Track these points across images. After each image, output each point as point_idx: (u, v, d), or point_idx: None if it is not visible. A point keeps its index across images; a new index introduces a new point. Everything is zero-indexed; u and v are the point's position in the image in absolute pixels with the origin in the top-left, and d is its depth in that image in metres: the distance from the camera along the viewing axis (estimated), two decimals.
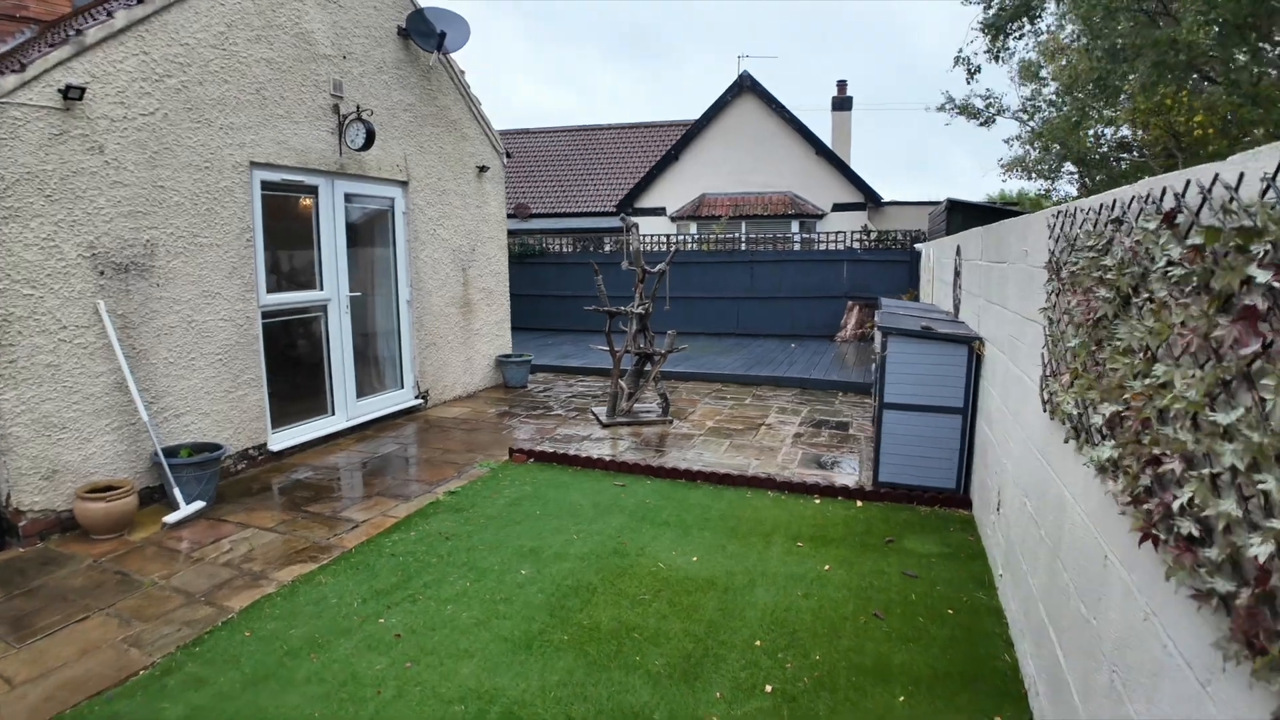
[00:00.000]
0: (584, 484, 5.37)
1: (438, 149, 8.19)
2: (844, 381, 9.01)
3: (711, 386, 9.26)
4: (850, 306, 13.25)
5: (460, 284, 8.65)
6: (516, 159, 23.79)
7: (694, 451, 6.19)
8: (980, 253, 5.18)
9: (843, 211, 17.29)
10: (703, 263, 14.12)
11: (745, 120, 17.89)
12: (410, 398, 7.87)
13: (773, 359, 10.86)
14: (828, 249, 13.76)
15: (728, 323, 14.08)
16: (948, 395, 5.04)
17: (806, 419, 7.45)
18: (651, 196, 18.61)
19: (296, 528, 4.74)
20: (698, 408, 7.96)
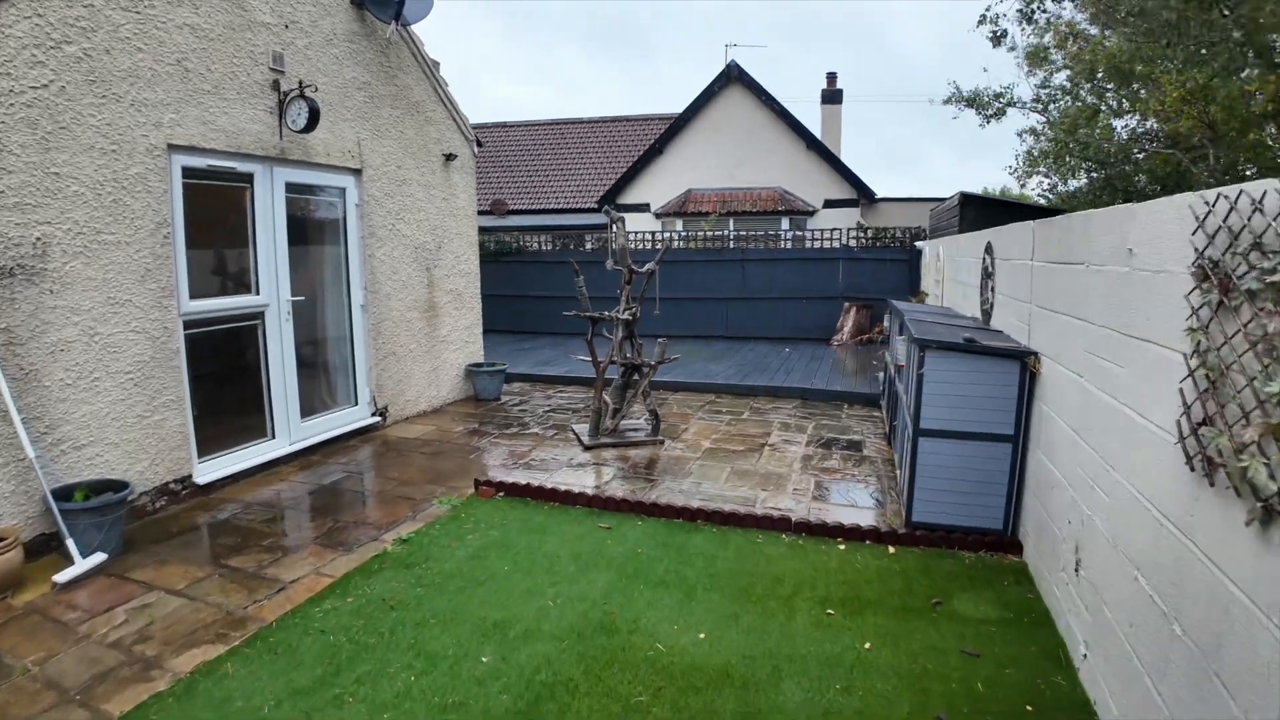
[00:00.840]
0: (562, 526, 4.51)
1: (397, 133, 7.29)
2: (848, 392, 8.22)
3: (704, 398, 8.43)
4: (846, 308, 12.49)
5: (424, 285, 7.75)
6: (493, 154, 22.90)
7: (691, 481, 5.36)
8: (1028, 251, 4.39)
9: (834, 208, 16.55)
10: (690, 261, 13.30)
11: (733, 112, 17.08)
12: (365, 415, 6.97)
13: (767, 365, 10.06)
14: (822, 247, 12.99)
15: (717, 325, 13.27)
16: (995, 420, 4.24)
17: (813, 437, 6.64)
18: (635, 192, 17.77)
19: (211, 590, 3.85)
20: (691, 424, 7.13)
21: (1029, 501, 4.20)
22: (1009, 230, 4.96)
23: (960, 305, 7.18)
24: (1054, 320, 3.81)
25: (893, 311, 7.18)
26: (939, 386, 4.24)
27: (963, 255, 7.24)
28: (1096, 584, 3.02)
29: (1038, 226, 4.25)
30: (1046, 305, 3.97)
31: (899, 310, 6.46)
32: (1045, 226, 4.11)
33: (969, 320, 5.84)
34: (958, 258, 7.58)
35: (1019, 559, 4.25)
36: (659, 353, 6.46)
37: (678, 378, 8.89)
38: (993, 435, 4.27)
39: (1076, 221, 3.54)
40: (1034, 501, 4.08)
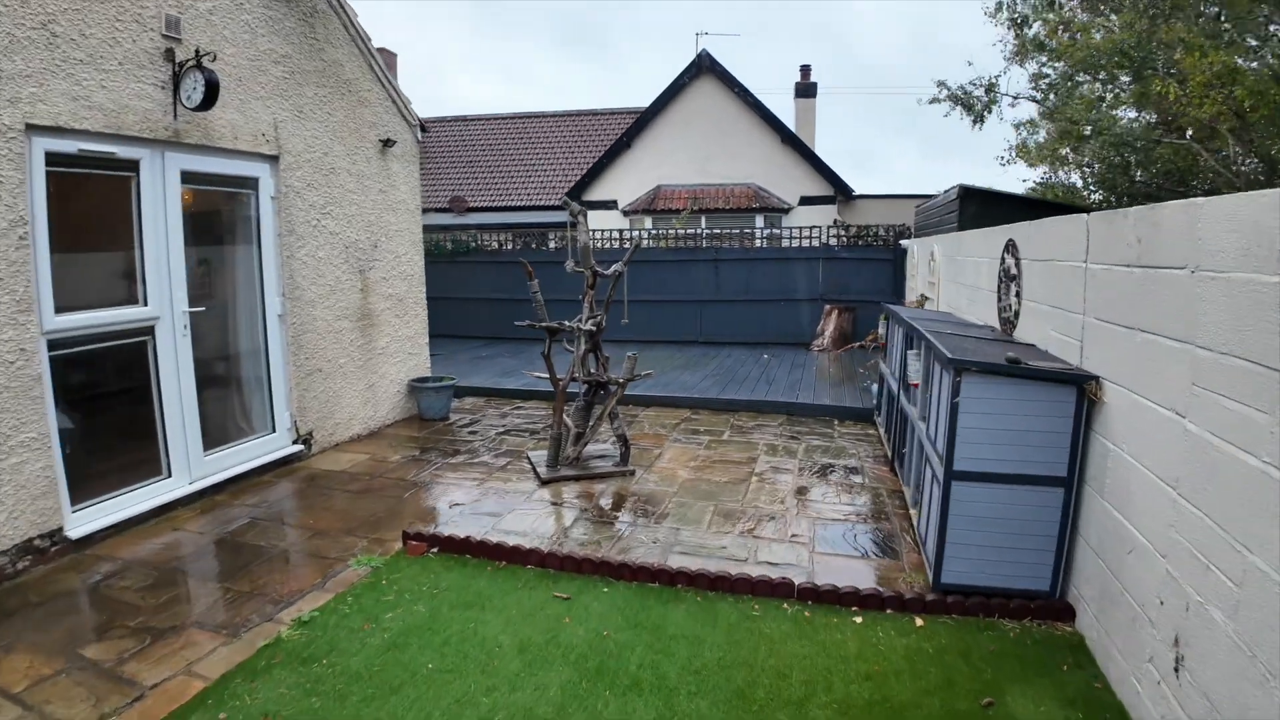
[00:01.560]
0: (508, 596, 3.60)
1: (323, 115, 6.31)
2: (838, 406, 7.41)
3: (679, 413, 7.56)
4: (828, 311, 11.72)
5: (357, 290, 6.77)
6: (453, 149, 21.89)
7: (667, 525, 4.48)
8: (1078, 251, 3.58)
9: (811, 205, 15.80)
10: (661, 261, 12.43)
11: (704, 104, 16.25)
12: (285, 444, 5.98)
13: (746, 375, 9.22)
14: (801, 246, 12.21)
15: (690, 329, 12.42)
16: (1044, 459, 3.43)
17: (806, 463, 5.81)
18: (601, 188, 16.85)
19: (54, 696, 2.88)
20: (666, 447, 6.25)
21: (1084, 558, 3.39)
22: (1045, 226, 4.15)
23: (963, 310, 6.41)
24: (1127, 339, 3.00)
25: (892, 318, 6.38)
26: (978, 419, 3.41)
27: (966, 255, 6.47)
28: (1213, 697, 2.21)
29: (1096, 221, 3.44)
30: (1114, 319, 3.15)
31: (901, 317, 5.65)
32: (1109, 221, 3.30)
33: (985, 330, 5.04)
34: (959, 258, 6.80)
35: (1072, 628, 3.44)
36: (628, 368, 5.58)
37: (650, 391, 8.01)
38: (1041, 478, 3.45)
39: (1171, 214, 2.72)
40: (1093, 560, 3.27)
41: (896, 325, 5.98)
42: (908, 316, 5.46)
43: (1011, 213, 7.30)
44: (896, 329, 5.98)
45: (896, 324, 5.97)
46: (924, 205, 9.99)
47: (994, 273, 5.26)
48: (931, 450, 3.87)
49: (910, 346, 5.15)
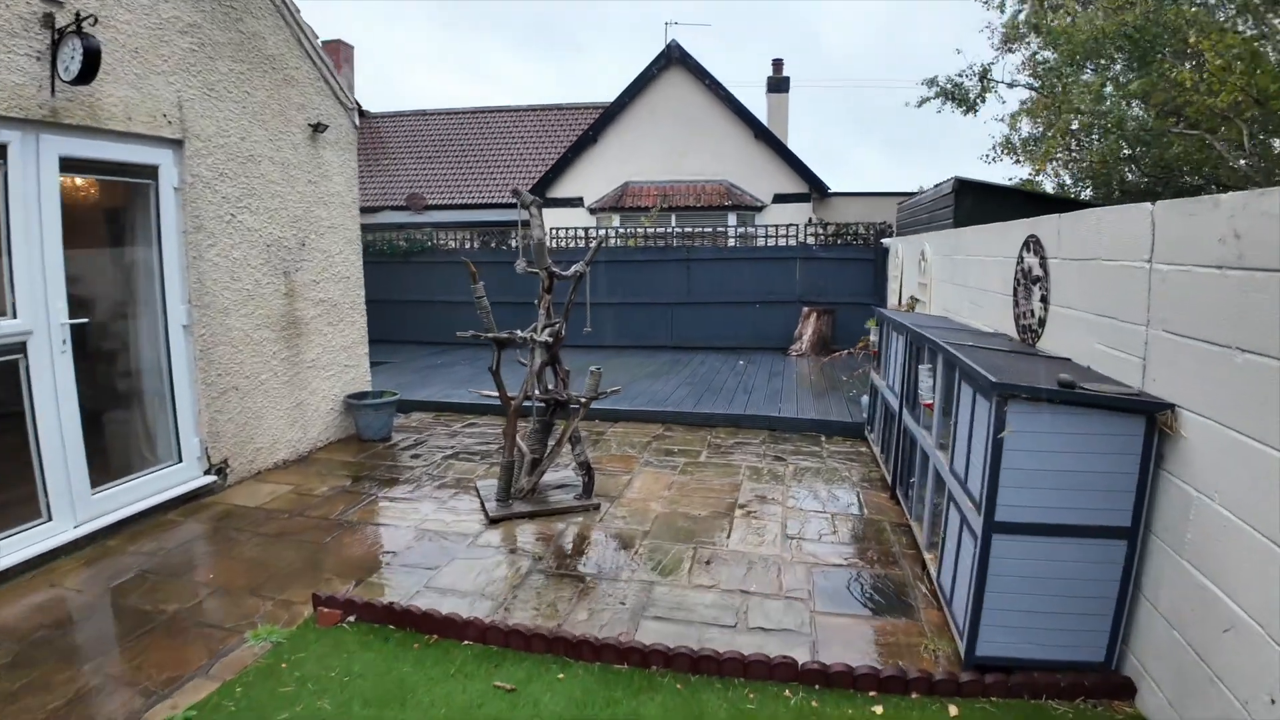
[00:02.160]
0: (437, 689, 2.85)
1: (241, 95, 5.48)
2: (825, 421, 6.76)
3: (650, 430, 6.84)
4: (806, 314, 11.10)
5: (281, 295, 5.94)
6: (412, 144, 21.02)
7: (639, 579, 3.76)
8: (1139, 249, 2.93)
9: (785, 203, 15.21)
10: (630, 261, 11.72)
11: (674, 97, 15.56)
12: (194, 475, 5.15)
13: (722, 384, 8.54)
14: (777, 245, 11.57)
15: (660, 333, 11.72)
16: (1102, 505, 2.78)
17: (794, 489, 5.13)
18: (566, 185, 16.08)
19: None
20: (636, 473, 5.53)
21: (1150, 625, 2.75)
22: (1085, 219, 3.51)
23: (963, 315, 5.79)
24: (1220, 360, 2.35)
25: (887, 323, 5.73)
26: (1027, 457, 2.75)
27: (967, 253, 5.85)
28: None
29: (1167, 211, 2.79)
30: (1195, 333, 2.51)
31: (902, 324, 5.00)
32: (1187, 212, 2.65)
33: (999, 340, 4.40)
34: (957, 257, 6.18)
35: (1132, 708, 2.80)
36: (591, 385, 4.85)
37: (618, 405, 7.29)
38: (1099, 528, 2.80)
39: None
40: (1163, 631, 2.63)
41: (895, 332, 5.33)
42: (911, 323, 4.80)
43: (1013, 207, 6.71)
44: (895, 336, 5.33)
45: (894, 330, 5.32)
46: (909, 201, 9.40)
47: (1007, 273, 4.63)
48: (960, 491, 3.20)
49: (918, 358, 4.49)
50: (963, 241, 5.98)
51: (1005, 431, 2.72)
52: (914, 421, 4.43)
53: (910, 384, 4.71)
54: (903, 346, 4.96)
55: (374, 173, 20.59)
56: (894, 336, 5.34)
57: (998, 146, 11.11)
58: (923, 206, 8.35)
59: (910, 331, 4.64)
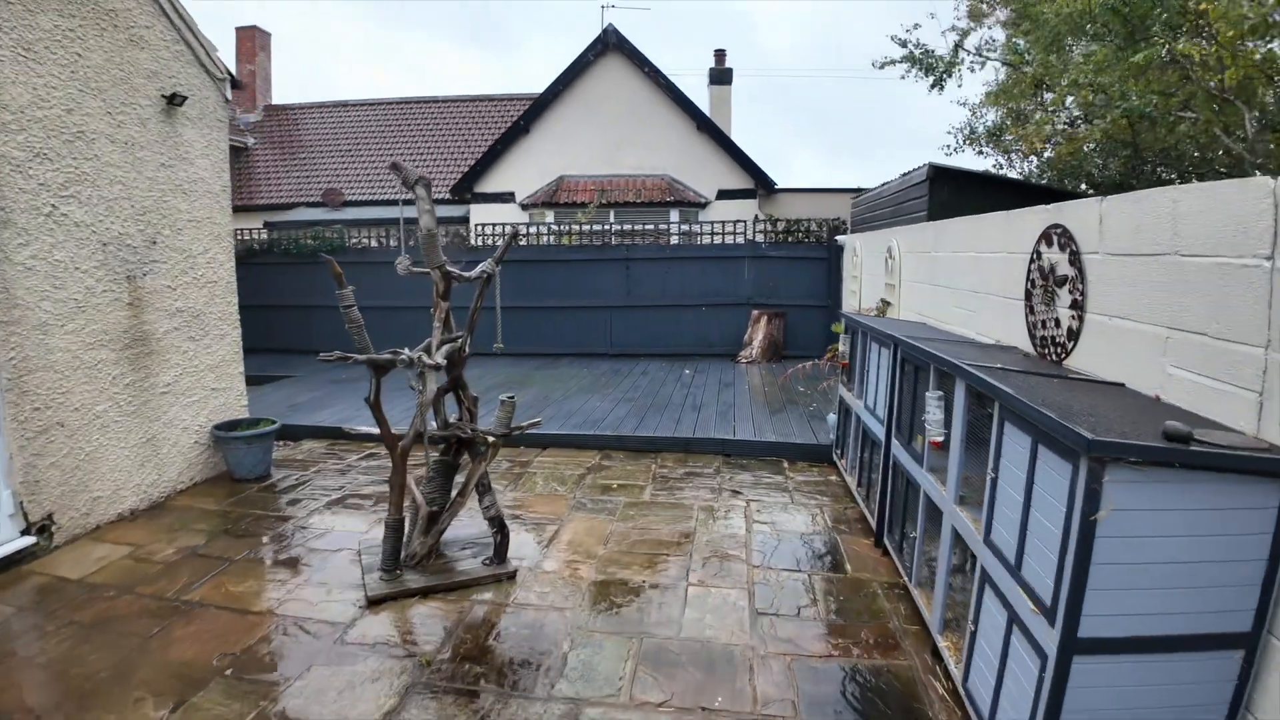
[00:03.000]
0: None
1: (69, 57, 4.28)
2: (787, 444, 5.88)
3: (585, 459, 5.84)
4: (756, 317, 10.26)
5: (124, 305, 4.74)
6: (332, 137, 19.59)
7: (562, 694, 2.76)
8: (1255, 243, 2.08)
9: (730, 199, 14.38)
10: (565, 261, 10.70)
11: (611, 86, 14.58)
12: (9, 536, 3.93)
13: (667, 398, 7.60)
14: (724, 243, 10.70)
15: (598, 340, 10.73)
16: (1217, 606, 1.93)
17: (760, 539, 4.20)
18: (496, 179, 14.94)
19: None
20: (565, 521, 4.52)
21: None
22: (1151, 200, 2.65)
23: (948, 321, 4.98)
24: None
25: (862, 332, 4.86)
26: (1125, 547, 1.85)
27: (950, 249, 5.05)
28: None
29: None
30: None
31: (887, 334, 4.13)
32: None
33: (1012, 356, 3.56)
34: (936, 253, 5.37)
35: None
36: (503, 418, 3.83)
37: (547, 429, 6.28)
38: (1211, 638, 1.94)
39: None
40: None
41: (876, 343, 4.45)
42: (903, 334, 3.92)
43: (996, 197, 5.94)
44: (875, 348, 4.46)
45: (876, 341, 4.45)
46: (868, 195, 8.63)
47: (1015, 273, 3.80)
48: (1008, 579, 2.30)
49: (914, 379, 3.62)
50: (946, 236, 5.16)
51: (1101, 513, 1.82)
52: (912, 460, 3.54)
53: (901, 409, 3.84)
54: (887, 361, 4.08)
55: (289, 167, 19.17)
56: (874, 348, 4.47)
57: (958, 134, 10.43)
58: (885, 199, 7.56)
59: (901, 344, 3.76)
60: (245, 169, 19.17)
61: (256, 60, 20.49)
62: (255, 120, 20.10)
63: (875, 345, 4.41)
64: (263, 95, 20.69)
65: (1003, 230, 4.03)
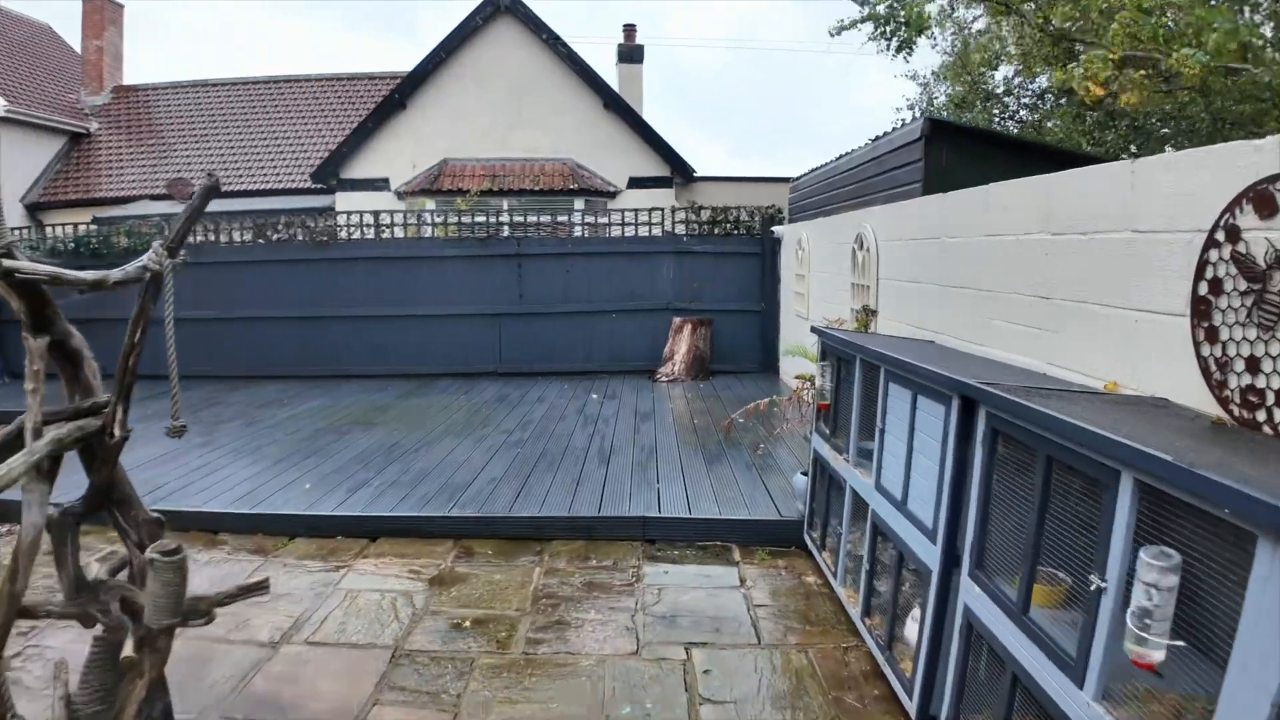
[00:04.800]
0: None
1: None
2: (735, 521, 4.02)
3: (430, 557, 3.83)
4: (678, 325, 8.43)
5: None
6: (186, 121, 16.99)
7: None
8: None
9: (643, 188, 12.55)
10: (438, 257, 8.58)
11: (504, 56, 12.50)
12: None
13: (566, 441, 5.66)
14: (638, 235, 8.83)
15: (484, 355, 8.67)
16: None
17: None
18: (367, 163, 12.62)
19: None
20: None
21: None
22: None
23: (967, 340, 3.28)
24: None
25: (873, 367, 3.01)
26: None
27: (978, 231, 3.34)
28: None
29: None
30: None
31: (952, 381, 2.29)
32: None
33: (1172, 417, 1.80)
34: (951, 238, 3.65)
35: None
36: (161, 596, 1.78)
37: (381, 506, 4.24)
38: None
39: None
40: None
41: (907, 388, 2.62)
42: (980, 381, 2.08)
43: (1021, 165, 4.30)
44: (905, 399, 2.63)
45: (908, 385, 2.61)
46: (814, 174, 6.96)
47: (1169, 267, 2.05)
48: None
49: (990, 455, 1.78)
50: (971, 211, 3.42)
51: None
52: (1013, 624, 1.72)
53: (988, 531, 2.02)
54: (944, 426, 2.26)
55: (136, 156, 16.37)
56: (901, 397, 2.64)
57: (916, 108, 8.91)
58: (844, 175, 5.85)
59: (1007, 409, 1.91)
60: (84, 158, 16.33)
61: (105, 36, 17.51)
62: (101, 103, 17.20)
63: (906, 392, 2.58)
64: (113, 75, 17.72)
65: (1140, 191, 2.27)
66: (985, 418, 2.04)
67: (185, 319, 8.34)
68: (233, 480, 4.84)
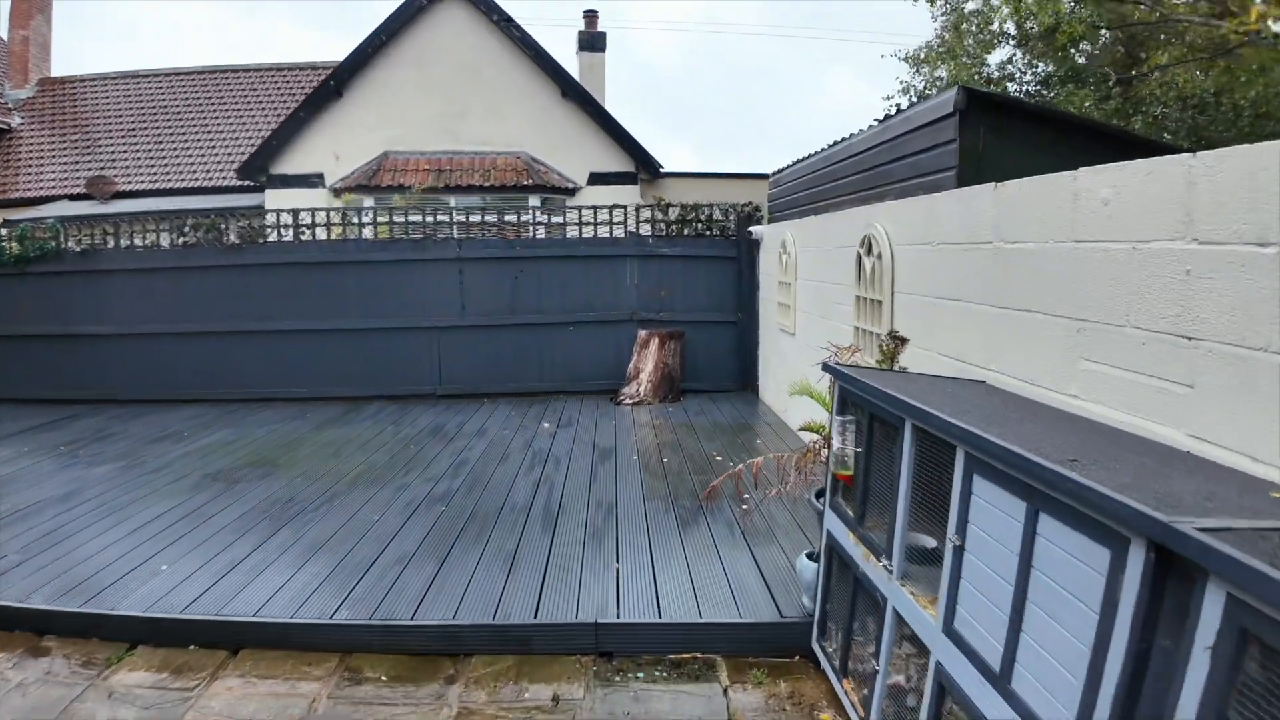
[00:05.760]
0: None
1: None
2: (718, 625, 3.01)
3: (305, 682, 2.77)
4: (644, 339, 7.41)
5: None
6: (113, 115, 15.77)
7: None
8: None
9: (604, 185, 11.52)
10: (369, 262, 7.45)
11: (452, 39, 11.37)
12: None
13: (503, 495, 4.60)
14: (597, 237, 7.77)
15: (420, 375, 7.57)
16: None
17: None
18: (300, 157, 11.39)
19: None
20: None
21: None
22: None
23: (1042, 385, 2.32)
24: None
25: (915, 430, 2.00)
26: None
27: (1064, 234, 2.37)
28: None
29: None
30: None
31: (1010, 457, 1.28)
32: None
33: None
34: (1012, 243, 2.69)
35: None
36: None
37: (244, 605, 3.15)
38: None
39: None
40: None
41: (988, 480, 1.61)
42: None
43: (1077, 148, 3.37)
44: (994, 495, 1.62)
45: (990, 478, 1.60)
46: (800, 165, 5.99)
47: None
48: None
49: None
50: (1052, 210, 2.47)
51: None
52: None
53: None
54: (1094, 576, 1.25)
55: (59, 152, 15.10)
56: (983, 490, 1.63)
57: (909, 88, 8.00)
58: (846, 164, 4.87)
59: (1220, 561, 0.90)
60: (4, 155, 15.05)
61: (32, 25, 16.18)
62: (26, 96, 15.84)
63: (1015, 502, 1.56)
64: (39, 67, 16.36)
65: None
66: (1225, 604, 1.05)
67: (82, 335, 7.09)
68: (80, 555, 3.73)
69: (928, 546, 2.21)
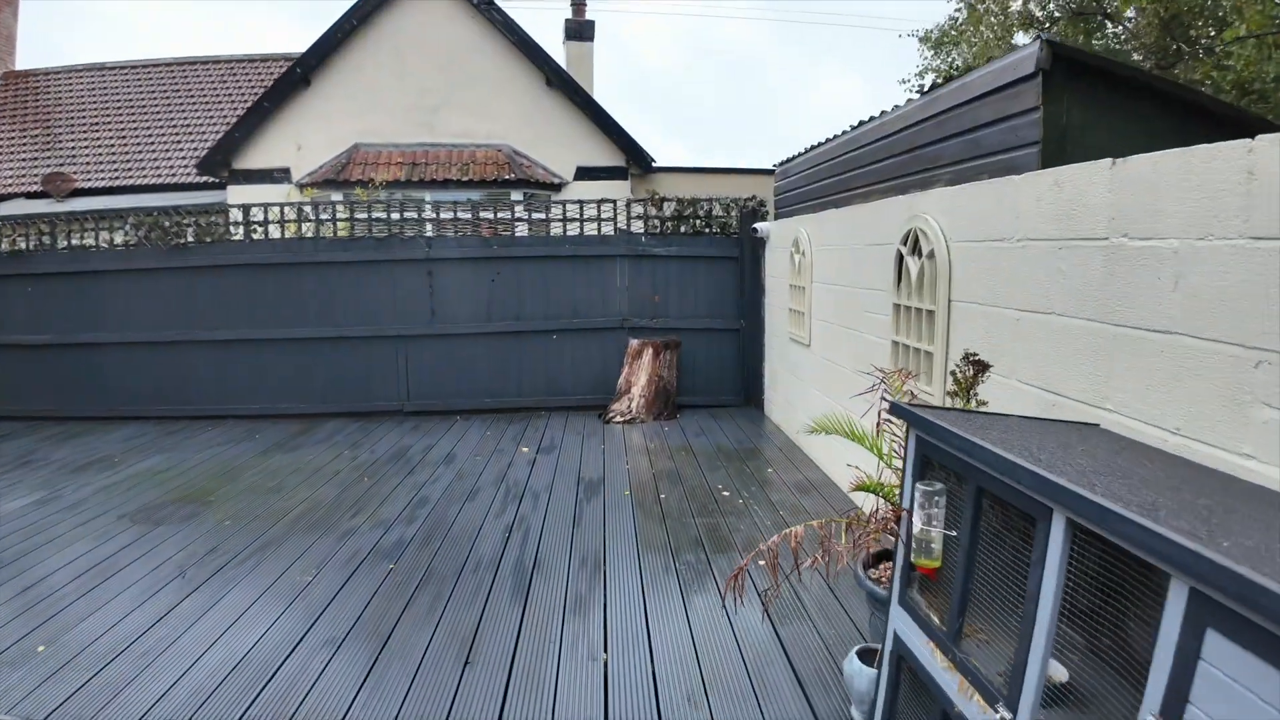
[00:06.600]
0: None
1: None
2: None
3: None
4: (636, 349, 6.65)
5: None
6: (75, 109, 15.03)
7: None
8: None
9: (593, 180, 10.76)
10: (327, 263, 6.66)
11: (429, 23, 10.57)
12: None
13: (468, 546, 3.84)
14: (584, 235, 7.00)
15: (386, 389, 6.78)
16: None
17: None
18: (265, 150, 10.58)
19: None
20: None
21: None
22: None
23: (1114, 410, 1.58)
24: None
25: (1071, 526, 1.25)
26: None
27: (1174, 233, 1.61)
28: None
29: None
30: None
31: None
32: None
33: None
34: (1133, 243, 1.94)
35: None
36: None
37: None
38: None
39: None
40: None
41: (1237, 644, 0.85)
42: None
43: (1178, 125, 2.65)
44: (1252, 669, 0.85)
45: (1242, 643, 0.84)
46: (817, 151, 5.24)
47: None
48: None
49: None
50: (1212, 196, 1.71)
51: None
52: None
53: None
54: None
55: (18, 148, 14.31)
56: (1229, 657, 0.88)
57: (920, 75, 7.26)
58: (877, 146, 4.12)
59: None
60: None
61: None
62: None
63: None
64: (3, 60, 15.58)
65: None
66: None
67: (16, 345, 6.21)
68: None
69: (1058, 680, 1.47)
